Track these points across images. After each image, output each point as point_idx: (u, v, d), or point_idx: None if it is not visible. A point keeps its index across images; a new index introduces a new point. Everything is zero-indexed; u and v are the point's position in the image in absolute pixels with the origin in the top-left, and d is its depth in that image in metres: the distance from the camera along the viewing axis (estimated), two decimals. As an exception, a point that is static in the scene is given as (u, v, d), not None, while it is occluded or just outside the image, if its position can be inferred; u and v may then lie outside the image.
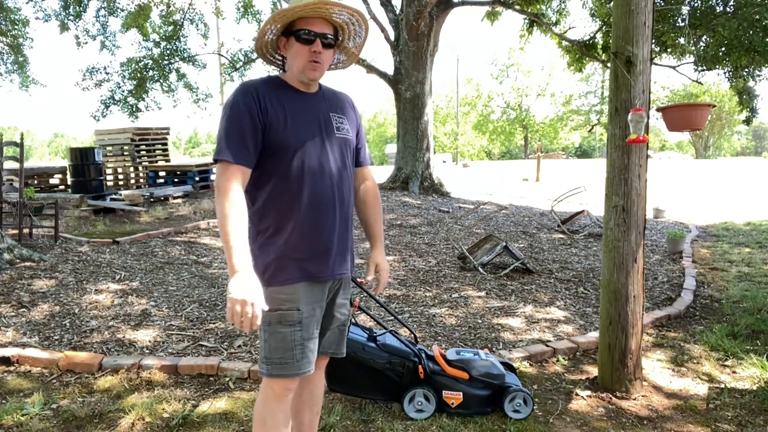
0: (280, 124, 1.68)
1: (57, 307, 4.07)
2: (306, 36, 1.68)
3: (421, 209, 9.10)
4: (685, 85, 38.63)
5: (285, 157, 1.69)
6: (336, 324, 1.89)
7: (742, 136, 71.84)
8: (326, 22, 1.71)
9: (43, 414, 2.62)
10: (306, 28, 1.68)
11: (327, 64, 1.75)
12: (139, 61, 12.32)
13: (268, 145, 1.68)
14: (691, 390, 3.03)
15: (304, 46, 1.69)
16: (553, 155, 44.29)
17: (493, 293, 4.76)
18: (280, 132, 1.68)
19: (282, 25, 1.72)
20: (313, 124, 1.75)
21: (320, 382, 2.02)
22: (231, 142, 1.64)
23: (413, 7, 10.85)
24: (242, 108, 1.65)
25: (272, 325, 1.70)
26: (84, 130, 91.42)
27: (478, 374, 2.66)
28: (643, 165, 2.81)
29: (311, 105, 1.78)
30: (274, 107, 1.69)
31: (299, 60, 1.71)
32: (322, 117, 1.78)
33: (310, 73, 1.73)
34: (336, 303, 1.87)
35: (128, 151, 13.33)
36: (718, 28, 7.14)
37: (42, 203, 7.97)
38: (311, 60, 1.70)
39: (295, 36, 1.69)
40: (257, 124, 1.66)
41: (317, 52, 1.69)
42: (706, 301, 4.73)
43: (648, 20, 2.73)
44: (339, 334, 1.91)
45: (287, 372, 1.71)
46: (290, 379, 1.74)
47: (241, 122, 1.65)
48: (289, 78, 1.78)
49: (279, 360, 1.70)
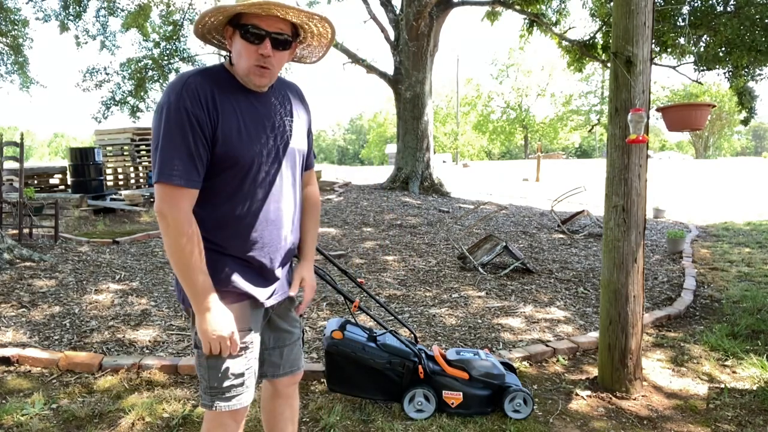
0: (233, 136, 1.42)
1: (57, 307, 4.07)
2: (254, 32, 1.37)
3: (421, 209, 9.10)
4: (685, 85, 38.64)
5: (232, 171, 1.44)
6: (293, 339, 1.77)
7: (742, 136, 71.84)
8: (281, 19, 1.40)
9: (43, 414, 2.62)
10: (254, 23, 1.37)
11: (280, 68, 1.47)
12: (139, 61, 12.33)
13: (216, 160, 1.42)
14: (691, 390, 3.03)
15: (251, 45, 1.39)
16: (553, 155, 44.28)
17: (493, 293, 4.76)
18: (232, 145, 1.42)
19: (225, 17, 1.41)
20: (267, 132, 1.49)
21: (297, 396, 1.92)
22: (180, 160, 1.35)
23: (413, 7, 10.85)
24: (189, 115, 1.35)
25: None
26: (84, 130, 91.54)
27: (478, 374, 2.66)
28: (643, 165, 2.81)
29: (263, 110, 1.51)
30: (225, 114, 1.41)
31: (243, 61, 1.41)
32: (276, 124, 1.52)
33: (256, 79, 1.44)
34: (288, 317, 1.75)
35: (128, 151, 13.34)
36: (719, 27, 7.14)
37: (42, 203, 7.97)
38: (257, 65, 1.41)
39: (242, 31, 1.39)
40: (207, 136, 1.38)
41: (266, 56, 1.40)
42: (706, 301, 4.73)
43: (648, 20, 2.73)
44: (298, 348, 1.80)
45: (237, 403, 1.53)
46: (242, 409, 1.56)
47: (188, 133, 1.35)
48: (237, 74, 1.47)
49: (227, 389, 1.52)
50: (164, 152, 1.36)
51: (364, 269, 5.38)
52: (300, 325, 1.82)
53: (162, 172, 1.36)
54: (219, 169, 1.44)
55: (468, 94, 55.30)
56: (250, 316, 1.55)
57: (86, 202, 9.35)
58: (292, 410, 1.89)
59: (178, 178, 1.36)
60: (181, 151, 1.36)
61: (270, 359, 1.74)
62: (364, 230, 7.29)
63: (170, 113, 1.36)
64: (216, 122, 1.40)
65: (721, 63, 7.66)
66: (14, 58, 12.86)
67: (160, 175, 1.36)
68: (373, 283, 4.94)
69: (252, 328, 1.56)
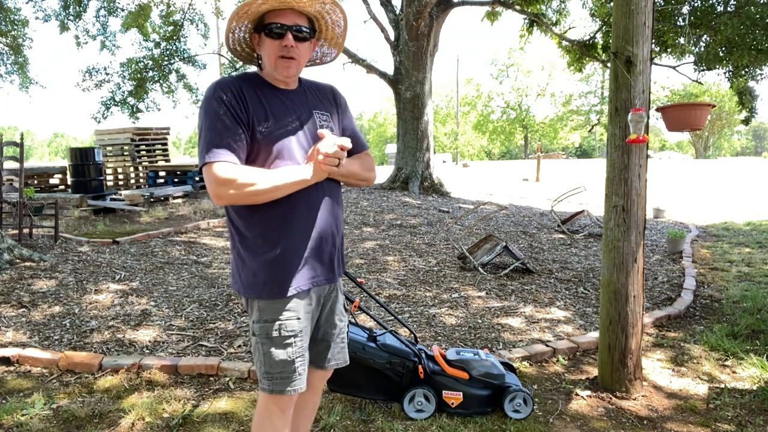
0: (262, 126, 1.55)
1: (57, 307, 4.07)
2: (276, 30, 1.54)
3: (421, 209, 9.10)
4: (685, 85, 38.62)
5: (266, 163, 1.56)
6: (337, 333, 1.83)
7: (742, 136, 71.84)
8: (298, 13, 1.57)
9: (43, 414, 2.62)
10: (276, 21, 1.54)
11: (304, 59, 1.62)
12: (138, 62, 12.33)
13: (252, 146, 1.56)
14: (691, 390, 3.03)
15: (275, 41, 1.55)
16: (553, 155, 44.31)
17: (493, 293, 4.76)
18: (263, 135, 1.55)
19: (251, 22, 1.59)
20: (296, 124, 1.62)
21: (320, 394, 2.00)
22: (218, 140, 1.48)
23: (413, 7, 10.85)
24: (223, 101, 1.51)
25: (271, 337, 1.60)
26: (84, 130, 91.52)
27: (478, 374, 2.66)
28: (643, 165, 2.81)
29: (293, 103, 1.64)
30: (255, 106, 1.56)
31: (271, 57, 1.57)
32: (306, 116, 1.65)
33: (284, 71, 1.59)
34: (335, 311, 1.81)
35: (128, 151, 13.34)
36: (719, 27, 7.14)
37: (42, 203, 7.97)
38: (283, 55, 1.56)
39: (266, 31, 1.55)
40: (242, 118, 1.52)
41: (289, 47, 1.55)
42: (706, 301, 4.73)
43: (648, 20, 2.73)
44: (341, 342, 1.85)
45: (289, 387, 1.63)
46: (296, 393, 1.66)
47: (223, 117, 1.50)
48: (267, 75, 1.64)
49: (280, 374, 1.62)
50: (205, 139, 1.50)
51: (364, 269, 5.38)
52: (346, 320, 1.88)
53: (204, 153, 1.49)
54: (254, 158, 1.56)
55: (468, 94, 55.33)
56: (300, 302, 1.63)
57: (86, 202, 9.35)
58: (314, 406, 1.97)
59: (216, 155, 1.47)
60: (216, 133, 1.49)
61: (317, 349, 1.80)
62: (364, 230, 7.29)
63: (208, 105, 1.52)
64: (247, 108, 1.54)
65: (721, 63, 7.66)
66: (14, 58, 12.85)
67: (204, 157, 1.49)
68: (373, 283, 4.94)
69: (300, 317, 1.63)
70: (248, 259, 1.61)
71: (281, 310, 1.60)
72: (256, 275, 1.60)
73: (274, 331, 1.60)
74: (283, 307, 1.60)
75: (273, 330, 1.60)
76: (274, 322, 1.60)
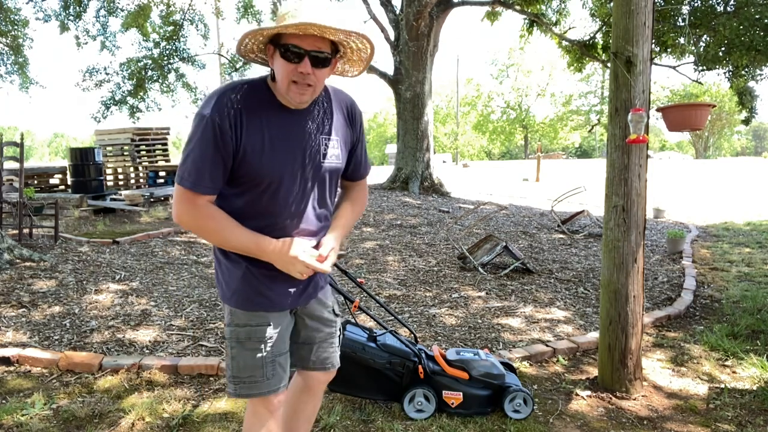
0: (255, 153, 1.45)
1: (57, 307, 4.07)
2: (293, 51, 1.39)
3: (421, 209, 9.10)
4: (685, 85, 38.65)
5: (257, 188, 1.50)
6: (324, 336, 1.78)
7: (742, 136, 71.87)
8: (319, 37, 1.41)
9: (43, 414, 2.62)
10: (293, 42, 1.38)
11: (321, 85, 1.47)
12: (138, 61, 12.33)
13: (240, 174, 1.48)
14: (691, 390, 3.03)
15: (290, 64, 1.40)
16: (553, 155, 44.33)
17: (493, 293, 4.76)
18: (255, 162, 1.46)
19: (265, 37, 1.45)
20: (295, 152, 1.51)
21: (321, 397, 1.97)
22: (195, 166, 1.43)
23: (413, 7, 10.86)
24: (215, 126, 1.41)
25: (241, 342, 1.59)
26: (84, 130, 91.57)
27: (478, 374, 2.66)
28: (643, 165, 2.81)
29: (298, 127, 1.52)
30: (250, 131, 1.45)
31: (284, 80, 1.42)
32: (310, 142, 1.53)
33: (297, 97, 1.44)
34: (315, 315, 1.75)
35: (128, 151, 13.33)
36: (719, 27, 7.14)
37: (42, 203, 7.97)
38: (295, 81, 1.41)
39: (281, 50, 1.40)
40: (229, 148, 1.43)
41: (305, 74, 1.40)
42: (706, 301, 4.73)
43: (648, 20, 2.73)
44: (329, 346, 1.80)
45: (257, 391, 1.60)
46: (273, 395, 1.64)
47: (210, 142, 1.42)
48: (278, 91, 1.50)
49: (248, 378, 1.59)
50: (185, 157, 1.46)
51: (364, 269, 5.38)
52: (334, 326, 1.83)
53: (179, 174, 1.46)
54: (244, 185, 1.50)
55: (468, 94, 55.35)
56: (270, 314, 1.61)
57: (86, 202, 9.35)
58: (314, 409, 1.95)
59: (188, 182, 1.44)
60: (197, 157, 1.43)
61: (299, 353, 1.78)
62: (364, 230, 7.29)
63: (199, 122, 1.43)
64: (240, 137, 1.44)
65: (721, 63, 7.67)
66: (14, 58, 12.85)
67: (177, 177, 1.47)
68: (373, 283, 4.94)
69: (271, 323, 1.61)
70: (224, 264, 1.61)
71: (252, 317, 1.59)
72: (229, 284, 1.59)
73: (243, 336, 1.58)
74: (255, 314, 1.59)
75: (243, 335, 1.58)
76: (245, 327, 1.58)
